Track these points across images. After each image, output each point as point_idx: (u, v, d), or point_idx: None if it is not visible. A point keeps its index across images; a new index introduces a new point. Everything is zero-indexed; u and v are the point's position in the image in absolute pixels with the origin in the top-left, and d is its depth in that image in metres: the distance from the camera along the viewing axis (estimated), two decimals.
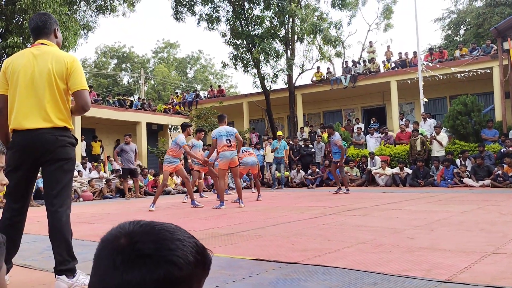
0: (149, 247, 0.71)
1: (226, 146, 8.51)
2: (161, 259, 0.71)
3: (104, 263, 0.73)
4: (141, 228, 0.75)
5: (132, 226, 0.76)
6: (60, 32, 3.20)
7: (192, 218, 6.83)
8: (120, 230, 0.75)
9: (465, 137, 14.01)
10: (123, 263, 0.70)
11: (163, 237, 0.74)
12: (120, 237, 0.74)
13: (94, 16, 18.79)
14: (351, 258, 3.46)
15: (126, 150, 12.58)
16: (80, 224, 6.48)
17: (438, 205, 7.48)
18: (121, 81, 47.58)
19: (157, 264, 0.70)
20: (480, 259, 3.25)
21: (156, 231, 0.75)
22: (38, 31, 3.05)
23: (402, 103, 20.47)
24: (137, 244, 0.72)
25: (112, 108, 19.92)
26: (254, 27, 20.66)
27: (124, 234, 0.74)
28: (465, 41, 27.55)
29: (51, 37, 3.08)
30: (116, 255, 0.72)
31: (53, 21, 3.11)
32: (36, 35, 3.07)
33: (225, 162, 8.54)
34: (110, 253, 0.73)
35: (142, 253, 0.71)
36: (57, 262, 2.83)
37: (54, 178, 2.93)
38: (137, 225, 0.76)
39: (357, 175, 14.80)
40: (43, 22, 3.05)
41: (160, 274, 0.70)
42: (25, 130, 2.88)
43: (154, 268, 0.70)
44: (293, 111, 20.77)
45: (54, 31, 3.09)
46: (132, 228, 0.75)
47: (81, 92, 2.97)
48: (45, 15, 3.11)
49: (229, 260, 3.57)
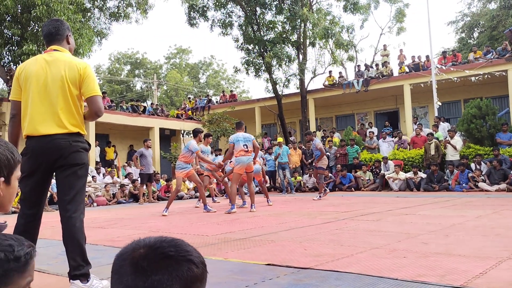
0: (171, 250, 0.83)
1: (243, 151, 8.69)
2: (182, 259, 0.83)
3: (129, 271, 0.81)
4: (155, 239, 0.86)
5: (146, 240, 0.87)
6: (73, 38, 3.24)
7: (204, 223, 6.84)
8: (136, 244, 0.86)
9: (480, 141, 13.83)
10: (150, 266, 0.80)
11: (178, 243, 0.86)
12: (139, 248, 0.85)
13: (107, 23, 19.03)
14: (364, 263, 3.43)
15: (146, 155, 12.63)
16: (94, 229, 6.53)
17: (452, 210, 7.39)
18: (134, 87, 48.00)
19: (180, 263, 0.82)
20: (495, 265, 3.20)
21: (169, 240, 0.87)
22: (51, 37, 3.09)
23: (416, 107, 20.30)
24: (158, 249, 0.83)
25: (126, 113, 20.09)
26: (266, 32, 20.71)
27: (142, 246, 0.85)
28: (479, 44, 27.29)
29: (64, 43, 3.11)
30: (142, 261, 0.81)
31: (66, 27, 3.15)
32: (48, 41, 3.10)
33: (241, 167, 8.69)
34: (134, 262, 0.82)
35: (166, 255, 0.82)
36: (71, 267, 2.85)
37: (68, 184, 2.95)
38: (150, 238, 0.87)
39: (370, 179, 14.70)
40: (56, 28, 3.09)
41: (183, 271, 0.81)
42: (39, 136, 2.91)
43: (178, 266, 0.82)
44: (305, 115, 20.73)
45: (66, 37, 3.13)
46: (147, 241, 0.86)
47: (94, 98, 3.00)
48: (58, 21, 3.14)
49: (242, 265, 3.56)
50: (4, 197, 1.31)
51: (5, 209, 1.35)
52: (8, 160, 1.28)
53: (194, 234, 5.47)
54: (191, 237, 5.21)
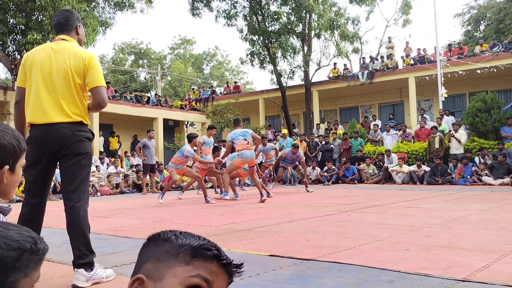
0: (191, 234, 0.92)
1: (244, 145, 8.76)
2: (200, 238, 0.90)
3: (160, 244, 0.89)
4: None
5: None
6: (83, 28, 3.25)
7: (207, 213, 6.86)
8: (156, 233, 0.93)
9: (485, 135, 13.78)
10: (181, 235, 0.90)
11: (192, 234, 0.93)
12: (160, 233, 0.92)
13: (112, 12, 18.94)
14: (367, 255, 3.43)
15: (149, 146, 12.67)
16: (98, 218, 6.57)
17: (456, 203, 7.39)
18: (138, 77, 47.98)
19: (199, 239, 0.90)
20: (498, 258, 3.20)
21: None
22: (60, 27, 3.11)
23: (420, 99, 20.22)
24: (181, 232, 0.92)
25: (129, 104, 20.11)
26: (271, 23, 20.60)
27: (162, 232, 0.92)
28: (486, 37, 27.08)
29: (73, 33, 3.12)
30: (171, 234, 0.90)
31: (75, 17, 3.16)
32: (58, 31, 3.12)
33: (243, 160, 8.74)
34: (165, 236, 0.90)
35: (189, 233, 0.91)
36: (76, 256, 2.86)
37: (72, 173, 2.95)
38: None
39: (374, 172, 14.68)
40: (65, 19, 3.10)
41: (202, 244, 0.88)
42: (42, 125, 2.92)
43: (198, 241, 0.89)
44: (309, 107, 20.68)
45: (76, 28, 3.14)
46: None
47: (98, 88, 3.00)
48: (68, 11, 3.16)
49: (245, 256, 3.58)
50: (8, 185, 1.32)
51: (8, 196, 1.36)
52: (14, 148, 1.29)
53: (197, 225, 5.50)
54: (194, 228, 5.23)
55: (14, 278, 0.83)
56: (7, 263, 0.82)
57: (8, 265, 0.82)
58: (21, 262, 0.84)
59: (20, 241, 0.85)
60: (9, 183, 1.32)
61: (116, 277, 3.00)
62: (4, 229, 0.86)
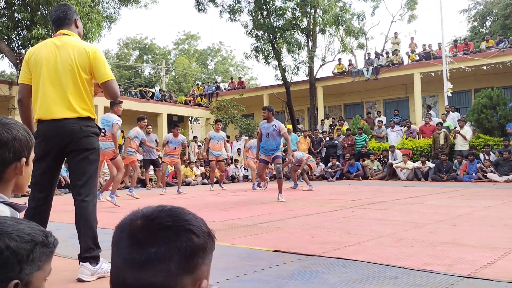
0: (167, 220, 0.79)
1: None
2: (180, 228, 0.79)
3: (126, 244, 0.78)
4: (153, 209, 0.82)
5: (144, 210, 0.82)
6: (81, 22, 3.24)
7: (211, 209, 6.88)
8: (134, 215, 0.82)
9: (490, 131, 13.71)
10: (147, 238, 0.77)
11: (176, 213, 0.81)
12: (136, 219, 0.80)
13: (117, 7, 18.92)
14: (371, 251, 3.43)
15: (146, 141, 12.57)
16: (103, 213, 6.59)
17: (461, 200, 7.37)
18: (142, 73, 48.02)
19: (178, 233, 0.78)
20: (503, 255, 3.19)
21: (168, 209, 0.82)
22: (60, 22, 3.09)
23: (426, 96, 20.14)
24: (155, 220, 0.79)
25: (134, 99, 20.13)
26: (276, 18, 20.54)
27: (139, 217, 0.80)
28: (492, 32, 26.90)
29: (72, 27, 3.11)
30: (138, 233, 0.78)
31: (73, 11, 3.15)
32: (57, 26, 3.11)
33: None
34: (131, 234, 0.79)
35: (163, 226, 0.78)
36: (82, 249, 2.89)
37: (80, 169, 2.98)
38: (148, 208, 0.82)
39: (378, 168, 14.65)
40: (64, 13, 3.09)
41: (182, 242, 0.77)
42: (50, 120, 2.93)
43: (176, 237, 0.77)
44: (313, 103, 20.64)
45: (75, 21, 3.13)
46: (145, 211, 0.82)
47: (108, 83, 3.02)
48: (65, 5, 3.14)
49: (249, 251, 3.59)
50: (24, 177, 1.34)
51: (22, 189, 1.38)
52: (27, 141, 1.31)
53: None
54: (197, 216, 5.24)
55: (29, 271, 0.84)
56: (21, 255, 0.83)
57: (23, 258, 0.83)
58: (34, 255, 0.85)
59: (32, 234, 0.86)
60: (25, 176, 1.34)
61: None
62: (15, 223, 0.87)
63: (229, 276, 2.81)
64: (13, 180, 1.31)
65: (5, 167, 1.27)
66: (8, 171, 1.28)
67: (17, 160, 1.28)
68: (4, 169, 1.27)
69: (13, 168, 1.28)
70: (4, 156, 1.25)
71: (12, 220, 0.87)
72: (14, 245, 0.82)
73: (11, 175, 1.29)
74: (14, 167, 1.28)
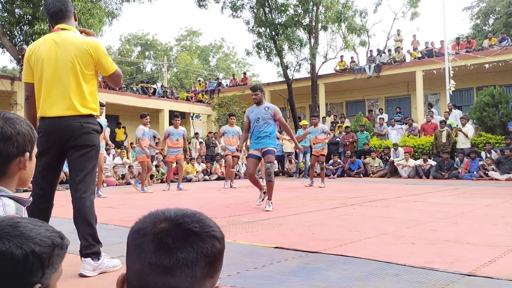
0: (195, 226, 0.80)
1: None
2: (206, 235, 0.81)
3: (152, 248, 0.77)
4: (175, 212, 0.82)
5: (166, 213, 0.82)
6: (83, 17, 3.21)
7: (213, 205, 6.88)
8: (155, 217, 0.82)
9: (492, 129, 13.70)
10: (175, 243, 0.77)
11: (200, 218, 0.83)
12: (159, 222, 0.80)
13: (118, 3, 18.91)
14: (373, 248, 3.44)
15: None
16: (104, 209, 6.60)
17: (462, 198, 7.36)
18: (144, 69, 47.98)
19: (204, 240, 0.80)
20: (504, 253, 3.20)
21: (191, 213, 0.83)
22: (61, 15, 3.02)
23: (428, 93, 20.10)
24: (182, 225, 0.80)
25: (136, 95, 20.13)
26: (278, 15, 20.48)
27: (162, 220, 0.80)
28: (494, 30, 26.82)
29: (71, 20, 3.07)
30: (165, 237, 0.77)
31: (70, 3, 3.11)
32: (57, 19, 3.02)
33: None
34: (157, 238, 0.78)
35: (191, 232, 0.79)
36: (82, 246, 2.89)
37: (79, 165, 2.97)
38: (170, 211, 0.83)
39: (380, 165, 14.64)
40: (65, 5, 3.02)
41: (208, 248, 0.79)
42: (52, 117, 2.94)
43: (202, 243, 0.79)
44: (315, 100, 20.60)
45: (74, 14, 3.10)
46: (167, 215, 0.82)
47: (113, 75, 3.06)
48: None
49: (250, 248, 3.59)
50: (27, 172, 1.34)
51: (26, 184, 1.38)
52: (30, 136, 1.31)
53: None
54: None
55: (48, 275, 0.85)
56: (44, 259, 0.83)
57: (45, 262, 0.83)
58: (53, 259, 0.85)
59: (51, 238, 0.86)
60: (28, 171, 1.34)
61: (122, 266, 3.02)
62: (35, 226, 0.86)
63: (231, 272, 2.82)
64: (17, 174, 1.32)
65: (9, 161, 1.27)
66: (12, 166, 1.28)
67: (20, 155, 1.28)
68: (8, 163, 1.27)
69: (17, 163, 1.29)
70: (8, 151, 1.26)
71: (31, 223, 0.86)
72: (38, 250, 0.82)
73: (15, 169, 1.30)
74: (18, 162, 1.29)
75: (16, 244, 0.80)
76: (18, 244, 0.81)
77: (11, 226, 0.83)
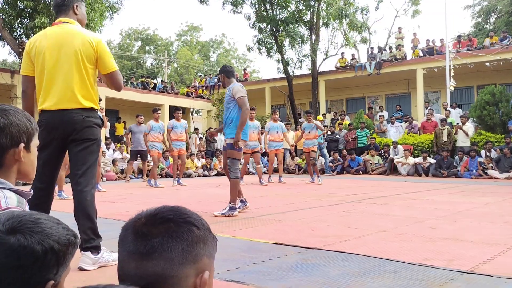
0: (169, 214, 0.86)
1: None
2: (181, 221, 0.85)
3: (130, 238, 0.84)
4: (156, 208, 0.89)
5: (148, 210, 0.89)
6: (83, 8, 3.15)
7: (212, 201, 6.89)
8: (138, 215, 0.89)
9: (492, 128, 13.70)
10: (150, 230, 0.83)
11: (178, 208, 0.89)
12: (140, 218, 0.87)
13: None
14: (372, 245, 3.45)
15: (135, 132, 12.21)
16: (104, 203, 6.61)
17: (461, 196, 7.37)
18: (144, 64, 47.91)
19: (179, 225, 0.84)
20: (503, 251, 3.20)
21: (169, 206, 0.89)
22: (58, 8, 3.05)
23: (428, 91, 20.08)
24: (157, 215, 0.86)
25: (136, 90, 20.12)
26: (279, 11, 20.42)
27: (143, 216, 0.87)
28: (496, 29, 26.77)
29: (70, 13, 3.05)
30: (141, 228, 0.84)
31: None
32: (56, 12, 3.07)
33: None
34: (135, 230, 0.85)
35: (165, 219, 0.84)
36: (82, 240, 2.89)
37: (80, 159, 2.97)
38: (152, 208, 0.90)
39: (379, 163, 14.65)
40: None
41: (183, 232, 0.83)
42: (54, 110, 2.93)
43: (177, 228, 0.84)
44: (315, 97, 20.58)
45: (73, 8, 3.06)
46: (148, 211, 0.88)
47: (112, 74, 3.03)
48: None
49: (249, 243, 3.60)
50: (26, 164, 1.34)
51: (29, 177, 1.38)
52: (27, 127, 1.30)
53: (202, 212, 5.52)
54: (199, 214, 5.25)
55: (61, 272, 0.86)
56: (60, 257, 0.85)
57: (60, 260, 0.85)
58: (67, 257, 0.87)
59: (67, 236, 0.88)
60: (27, 163, 1.34)
61: None
62: (54, 224, 0.87)
63: (230, 267, 2.82)
64: (14, 166, 1.31)
65: (4, 152, 1.27)
66: (7, 157, 1.28)
67: (15, 146, 1.28)
68: (3, 154, 1.27)
69: (12, 154, 1.29)
70: (0, 142, 1.25)
71: (50, 220, 0.88)
72: (57, 248, 0.84)
73: (11, 161, 1.29)
74: (12, 153, 1.28)
75: (37, 240, 0.82)
76: (39, 241, 0.82)
77: (33, 222, 0.85)
